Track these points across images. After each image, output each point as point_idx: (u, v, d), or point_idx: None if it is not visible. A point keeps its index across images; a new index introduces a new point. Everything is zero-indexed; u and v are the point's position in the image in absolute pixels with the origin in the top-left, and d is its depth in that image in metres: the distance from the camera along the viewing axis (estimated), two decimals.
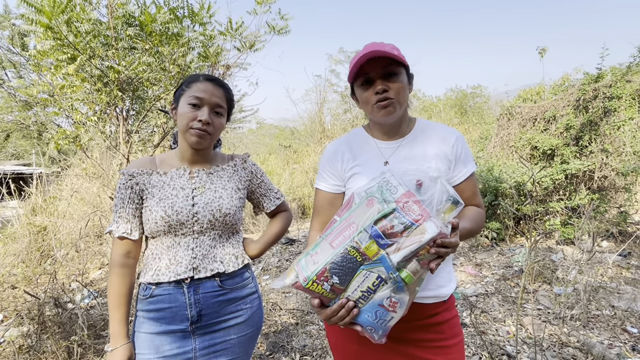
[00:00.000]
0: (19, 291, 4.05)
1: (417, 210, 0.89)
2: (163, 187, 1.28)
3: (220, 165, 1.40)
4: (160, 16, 3.73)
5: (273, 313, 3.46)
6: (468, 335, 2.95)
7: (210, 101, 1.26)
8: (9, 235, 5.27)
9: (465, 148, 1.23)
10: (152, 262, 1.27)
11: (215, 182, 1.34)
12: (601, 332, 2.87)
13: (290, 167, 11.08)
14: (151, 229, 1.26)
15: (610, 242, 4.97)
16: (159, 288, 1.24)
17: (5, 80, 9.93)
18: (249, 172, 1.45)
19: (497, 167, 5.60)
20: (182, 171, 1.32)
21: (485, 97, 15.88)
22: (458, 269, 4.52)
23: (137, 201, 1.28)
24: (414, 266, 0.89)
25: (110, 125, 4.57)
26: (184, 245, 1.26)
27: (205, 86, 1.27)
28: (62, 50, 3.51)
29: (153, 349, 1.23)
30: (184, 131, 1.26)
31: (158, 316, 1.24)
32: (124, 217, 1.27)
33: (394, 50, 1.11)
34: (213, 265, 1.27)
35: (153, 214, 1.24)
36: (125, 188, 1.27)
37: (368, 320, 0.95)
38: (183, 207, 1.25)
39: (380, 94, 1.13)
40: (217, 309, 1.27)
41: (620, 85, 5.21)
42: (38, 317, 2.72)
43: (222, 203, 1.30)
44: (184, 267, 1.24)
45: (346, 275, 0.91)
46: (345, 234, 0.93)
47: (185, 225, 1.25)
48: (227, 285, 1.30)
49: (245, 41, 4.49)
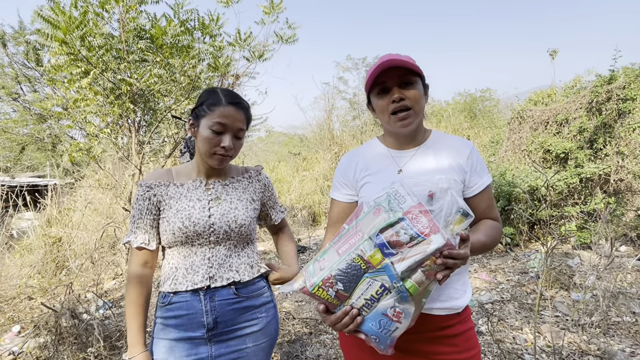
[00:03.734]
0: (35, 302, 4.10)
1: (425, 222, 0.88)
2: (180, 199, 1.30)
3: (235, 177, 1.41)
4: (170, 29, 3.79)
5: (287, 322, 3.45)
6: (485, 344, 2.90)
7: (233, 127, 1.27)
8: (25, 246, 5.35)
9: (480, 160, 1.22)
10: (170, 271, 1.29)
11: (231, 194, 1.36)
12: (622, 340, 2.80)
13: (300, 174, 11.10)
14: (168, 240, 1.28)
15: (628, 246, 4.86)
16: (177, 296, 1.27)
17: (20, 94, 10.16)
18: (263, 185, 1.47)
19: (510, 172, 5.54)
20: (199, 183, 1.34)
21: (495, 101, 15.76)
22: (472, 276, 4.46)
23: (154, 212, 1.30)
24: (419, 277, 0.88)
25: (123, 136, 4.65)
26: (201, 255, 1.28)
27: (228, 111, 1.26)
28: (75, 65, 3.59)
29: (171, 356, 1.25)
30: (207, 155, 1.28)
31: (176, 323, 1.26)
32: (142, 228, 1.29)
33: (409, 60, 1.12)
34: (229, 275, 1.29)
35: (171, 225, 1.26)
36: (143, 199, 1.29)
37: (372, 329, 0.95)
38: (200, 218, 1.27)
39: (397, 102, 1.13)
40: (232, 316, 1.28)
41: (635, 87, 5.13)
42: (55, 329, 2.75)
43: (238, 214, 1.32)
44: (201, 277, 1.26)
45: (350, 282, 0.92)
46: (352, 242, 0.94)
47: (202, 236, 1.27)
48: (243, 293, 1.31)
49: (253, 51, 4.54)
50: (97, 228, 5.10)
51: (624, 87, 5.22)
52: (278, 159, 14.88)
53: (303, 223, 8.45)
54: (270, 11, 4.28)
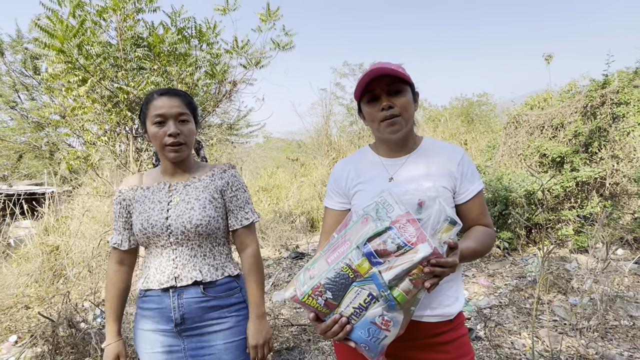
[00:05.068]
0: (32, 311, 4.08)
1: (413, 231, 0.89)
2: (144, 202, 1.37)
3: (197, 177, 1.42)
4: (168, 37, 3.80)
5: (285, 329, 3.44)
6: (483, 349, 2.90)
7: (171, 113, 1.31)
8: (23, 255, 5.33)
9: (471, 166, 1.23)
10: (145, 269, 1.40)
11: (190, 194, 1.37)
12: (620, 343, 2.80)
13: (298, 180, 11.11)
14: (138, 240, 1.40)
15: (625, 249, 4.87)
16: (150, 291, 1.36)
17: (18, 103, 10.15)
18: (225, 182, 1.41)
19: (506, 176, 5.56)
20: (162, 185, 1.40)
21: (492, 105, 15.81)
22: (470, 280, 4.47)
23: (125, 215, 1.41)
24: (407, 285, 0.89)
25: (120, 144, 4.64)
26: (166, 256, 1.35)
27: (161, 102, 1.32)
28: (73, 73, 3.59)
29: (149, 345, 1.35)
30: (161, 151, 1.34)
31: (149, 314, 1.36)
32: (117, 230, 1.43)
33: (398, 69, 1.13)
34: (192, 274, 1.33)
35: (135, 226, 1.36)
36: (116, 204, 1.42)
37: (361, 337, 0.96)
38: (157, 220, 1.33)
39: (386, 110, 1.15)
40: (199, 314, 1.33)
41: (628, 91, 5.17)
42: (52, 338, 2.73)
43: (193, 214, 1.32)
44: (166, 277, 1.32)
45: (339, 291, 0.93)
46: (340, 251, 0.95)
47: (162, 237, 1.33)
48: (211, 293, 1.35)
49: (251, 58, 4.55)
50: (95, 236, 5.08)
51: (618, 91, 5.27)
52: (276, 165, 14.89)
53: (301, 229, 8.44)
54: (267, 19, 4.30)
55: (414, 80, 1.21)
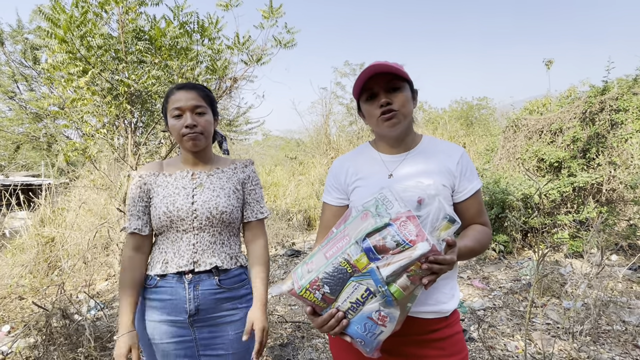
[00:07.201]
0: (26, 302, 4.07)
1: (412, 229, 0.89)
2: (167, 187, 1.41)
3: (220, 168, 1.49)
4: (169, 31, 3.80)
5: (279, 326, 3.44)
6: (476, 351, 2.91)
7: (187, 106, 1.36)
8: (18, 246, 5.31)
9: (470, 165, 1.23)
10: (159, 255, 1.39)
11: (215, 183, 1.44)
12: (612, 348, 2.82)
13: (296, 178, 11.10)
14: (156, 225, 1.39)
15: (619, 255, 4.90)
16: (163, 280, 1.36)
17: (16, 93, 10.12)
18: (246, 176, 1.51)
19: (504, 180, 5.58)
20: (186, 173, 1.44)
21: (491, 109, 15.85)
22: (465, 282, 4.48)
23: (145, 200, 1.42)
24: (404, 281, 0.90)
25: (119, 137, 4.63)
26: (186, 241, 1.37)
27: (179, 95, 1.38)
28: (74, 64, 3.58)
29: (158, 335, 1.35)
30: (180, 142, 1.40)
31: (159, 305, 1.35)
32: (135, 215, 1.40)
33: (396, 66, 1.14)
34: (212, 260, 1.36)
35: (157, 210, 1.37)
36: (135, 188, 1.41)
37: (357, 332, 0.96)
38: (183, 204, 1.36)
39: (385, 106, 1.16)
40: (213, 305, 1.36)
41: (627, 98, 5.20)
42: (45, 329, 2.73)
43: (220, 202, 1.39)
44: (186, 261, 1.35)
45: (337, 285, 0.93)
46: (339, 246, 0.96)
47: (186, 221, 1.36)
48: (225, 284, 1.39)
49: (252, 55, 4.54)
50: (91, 228, 5.07)
51: (617, 98, 5.30)
52: (275, 163, 14.87)
53: (298, 227, 8.44)
54: (270, 15, 4.29)
55: (414, 80, 1.21)
